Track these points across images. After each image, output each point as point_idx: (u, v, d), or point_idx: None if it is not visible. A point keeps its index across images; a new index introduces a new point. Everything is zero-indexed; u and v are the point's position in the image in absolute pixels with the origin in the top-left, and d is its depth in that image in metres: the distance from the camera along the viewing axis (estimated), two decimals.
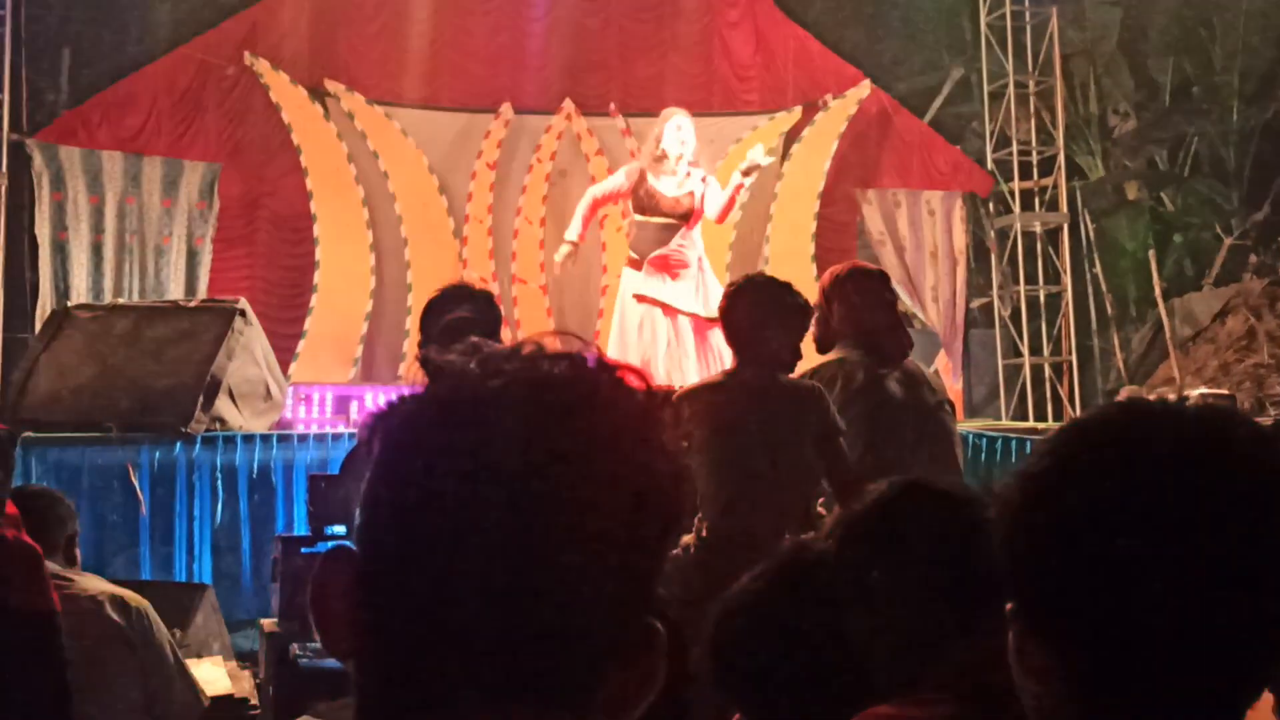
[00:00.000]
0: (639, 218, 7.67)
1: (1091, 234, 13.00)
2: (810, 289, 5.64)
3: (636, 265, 7.69)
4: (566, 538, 0.90)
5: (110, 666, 3.53)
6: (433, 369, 0.96)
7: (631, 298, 7.67)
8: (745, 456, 4.10)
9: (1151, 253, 12.78)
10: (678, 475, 0.96)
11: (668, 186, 7.63)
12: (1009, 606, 1.17)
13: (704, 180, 7.78)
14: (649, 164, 7.67)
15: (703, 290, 7.67)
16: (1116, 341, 12.91)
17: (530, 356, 0.95)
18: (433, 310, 4.06)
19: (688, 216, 7.67)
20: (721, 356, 7.82)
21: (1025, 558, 1.15)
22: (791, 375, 4.41)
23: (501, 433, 0.91)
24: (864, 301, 4.70)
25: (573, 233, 8.00)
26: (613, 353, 7.26)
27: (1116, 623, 1.09)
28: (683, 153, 7.65)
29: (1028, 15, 12.45)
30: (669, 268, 7.60)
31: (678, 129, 7.67)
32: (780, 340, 4.29)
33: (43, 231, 10.11)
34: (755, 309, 4.31)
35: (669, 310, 7.64)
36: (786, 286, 4.45)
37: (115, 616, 3.60)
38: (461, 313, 3.97)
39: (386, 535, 0.93)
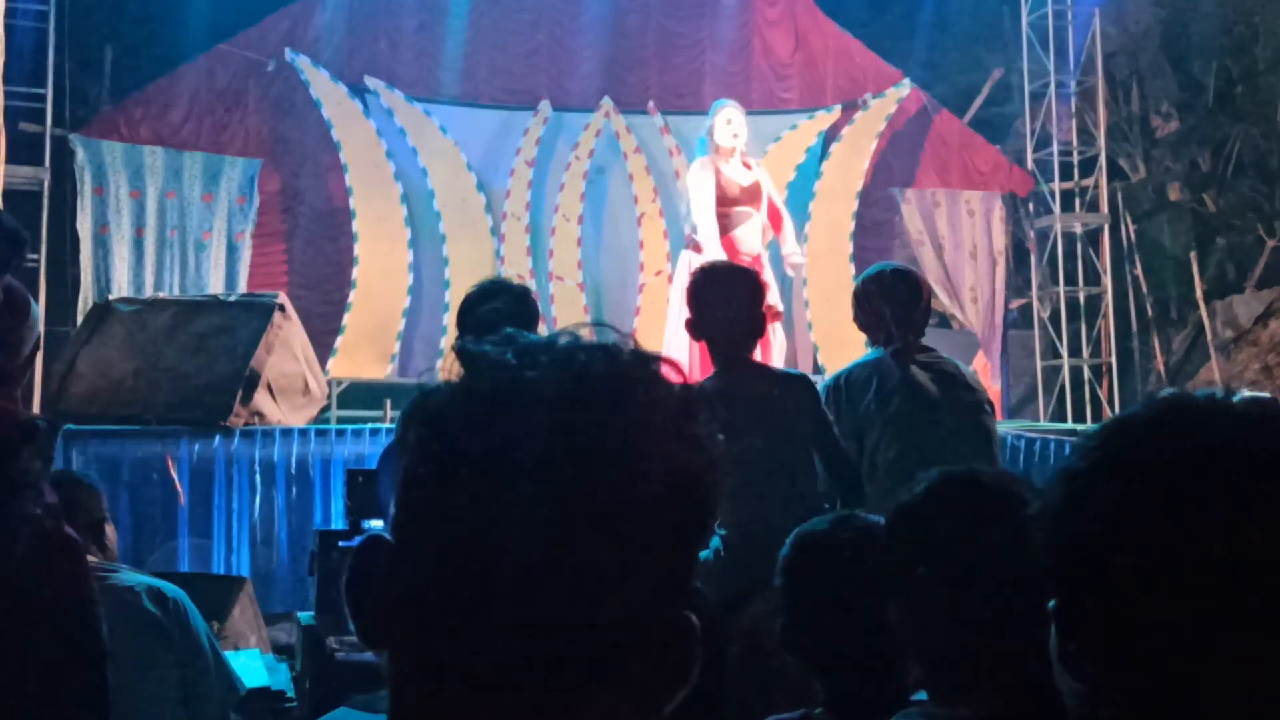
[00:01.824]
0: (718, 208, 7.63)
1: (1132, 235, 12.90)
2: (847, 288, 5.62)
3: (701, 251, 7.63)
4: (600, 527, 0.90)
5: (147, 657, 3.55)
6: (468, 359, 0.96)
7: None
8: (754, 453, 4.07)
9: (1193, 254, 12.68)
10: (711, 467, 0.96)
11: (737, 174, 7.64)
12: (1052, 604, 1.16)
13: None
14: (712, 156, 7.69)
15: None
16: (1157, 344, 12.81)
17: (566, 347, 0.95)
18: (470, 305, 4.06)
19: (756, 199, 7.68)
20: (778, 348, 7.80)
21: (1069, 556, 1.13)
22: (769, 363, 4.36)
23: (537, 423, 0.91)
24: (889, 304, 4.68)
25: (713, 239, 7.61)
26: (672, 340, 7.25)
27: (1163, 622, 1.07)
28: (735, 145, 7.67)
29: (1070, 14, 12.38)
30: (736, 257, 7.58)
31: (727, 122, 7.68)
32: (741, 323, 4.18)
33: (84, 225, 10.21)
34: (711, 302, 4.19)
35: None
36: (729, 266, 4.39)
37: (152, 607, 3.62)
38: (496, 305, 3.97)
39: (420, 524, 0.94)
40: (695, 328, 4.30)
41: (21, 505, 2.65)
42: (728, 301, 4.17)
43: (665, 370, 0.96)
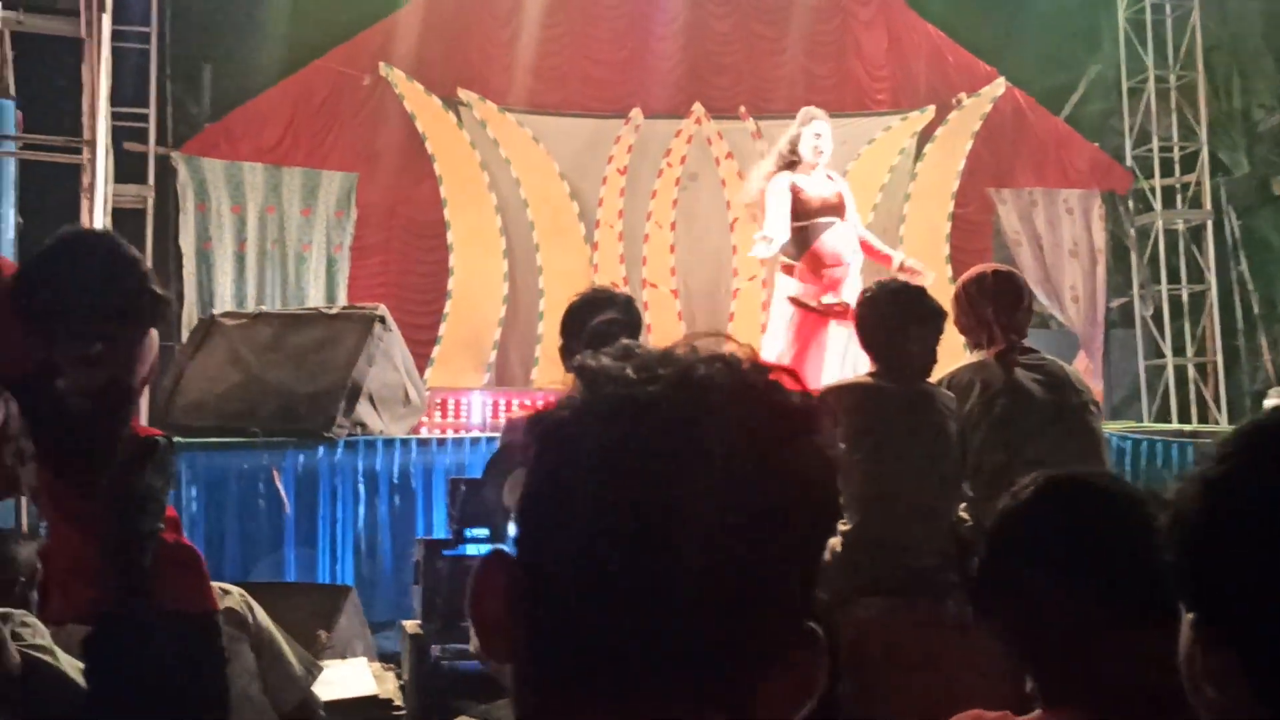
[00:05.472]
0: (794, 222, 7.43)
1: (1237, 231, 12.64)
2: (944, 289, 5.57)
3: (790, 270, 7.53)
4: (728, 543, 0.89)
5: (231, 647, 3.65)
6: (588, 376, 0.96)
7: (787, 301, 7.53)
8: (893, 461, 4.08)
9: None
10: (833, 476, 0.95)
11: (814, 185, 7.49)
12: (1188, 615, 1.13)
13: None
14: (783, 166, 7.52)
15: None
16: (1264, 341, 12.54)
17: (684, 360, 0.95)
18: (575, 315, 4.06)
19: (839, 210, 7.53)
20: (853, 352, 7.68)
21: (1211, 566, 1.11)
22: (930, 380, 4.38)
23: (659, 438, 0.90)
24: (992, 306, 4.64)
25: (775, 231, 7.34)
26: (773, 355, 7.14)
27: None
28: (818, 162, 7.52)
29: (1168, 8, 12.17)
30: (821, 269, 7.43)
31: (816, 136, 7.48)
32: (917, 346, 4.26)
33: (187, 241, 10.40)
34: (891, 316, 4.28)
35: (833, 313, 7.35)
36: (920, 292, 4.42)
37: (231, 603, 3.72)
38: (609, 315, 3.98)
39: (546, 542, 0.94)
40: (862, 336, 4.43)
41: (146, 520, 2.72)
42: (901, 320, 4.28)
43: (785, 379, 0.96)
